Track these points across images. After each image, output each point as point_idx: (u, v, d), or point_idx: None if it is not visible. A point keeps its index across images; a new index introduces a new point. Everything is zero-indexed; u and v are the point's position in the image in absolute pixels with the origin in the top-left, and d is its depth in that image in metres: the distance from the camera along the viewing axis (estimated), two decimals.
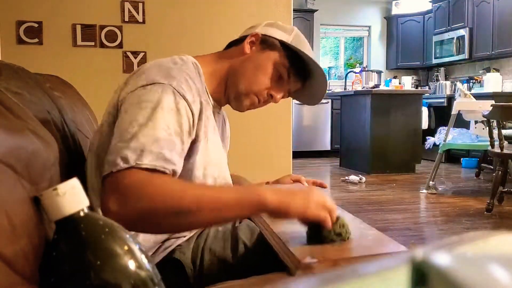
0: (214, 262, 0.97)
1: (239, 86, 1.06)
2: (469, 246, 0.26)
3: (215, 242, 0.99)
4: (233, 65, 1.07)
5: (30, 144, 0.64)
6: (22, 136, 0.64)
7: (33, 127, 0.68)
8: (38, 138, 0.67)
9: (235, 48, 1.10)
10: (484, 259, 0.23)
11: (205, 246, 0.98)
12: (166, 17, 2.68)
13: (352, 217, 0.99)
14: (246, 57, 1.07)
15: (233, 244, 0.99)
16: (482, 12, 6.28)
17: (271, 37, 1.07)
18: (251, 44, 1.07)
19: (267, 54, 1.06)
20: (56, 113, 1.00)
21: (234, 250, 0.98)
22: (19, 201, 0.57)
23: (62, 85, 1.27)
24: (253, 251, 0.98)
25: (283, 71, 1.06)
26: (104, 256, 0.48)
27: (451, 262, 0.22)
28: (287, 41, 1.06)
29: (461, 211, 3.52)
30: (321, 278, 0.26)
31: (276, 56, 1.05)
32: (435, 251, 0.24)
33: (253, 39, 1.07)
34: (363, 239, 0.88)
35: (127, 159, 0.78)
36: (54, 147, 0.71)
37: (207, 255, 0.97)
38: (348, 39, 8.42)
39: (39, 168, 0.64)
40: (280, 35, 1.07)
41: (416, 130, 5.52)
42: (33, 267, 0.55)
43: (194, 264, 0.96)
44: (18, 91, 0.87)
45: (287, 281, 0.71)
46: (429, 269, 0.23)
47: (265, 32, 1.08)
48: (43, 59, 2.53)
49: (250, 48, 1.07)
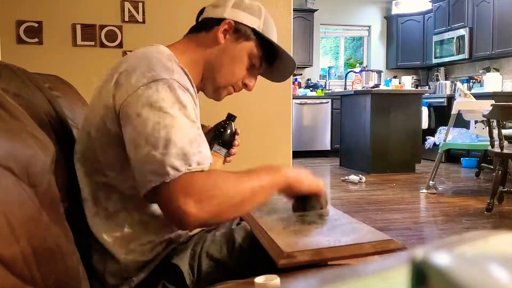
0: (212, 266, 0.97)
1: (217, 80, 1.07)
2: (469, 246, 0.26)
3: (212, 246, 0.99)
4: (208, 57, 1.06)
5: (28, 147, 0.64)
6: (20, 139, 0.64)
7: (31, 130, 0.68)
8: (36, 140, 0.67)
9: (206, 35, 1.06)
10: (484, 259, 0.23)
11: (202, 251, 0.98)
12: (166, 17, 2.68)
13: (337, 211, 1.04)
14: (221, 48, 1.05)
15: (230, 247, 0.99)
16: (482, 12, 6.28)
17: (244, 25, 1.05)
18: (224, 32, 1.05)
19: (242, 45, 1.05)
20: (55, 114, 1.00)
21: (231, 253, 0.98)
22: (18, 204, 0.57)
23: (62, 85, 1.27)
24: (249, 252, 0.98)
25: (256, 60, 1.08)
26: None
27: (451, 262, 0.22)
28: (259, 29, 1.06)
29: (461, 211, 3.52)
30: (321, 278, 0.26)
31: (250, 46, 1.06)
32: (435, 251, 0.24)
33: (226, 27, 1.04)
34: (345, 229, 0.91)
35: (176, 167, 0.78)
36: (52, 149, 0.71)
37: (204, 260, 0.97)
38: (348, 39, 8.42)
39: (38, 171, 0.64)
40: (252, 22, 1.06)
41: (416, 130, 5.52)
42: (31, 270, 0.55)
43: (192, 269, 0.96)
44: (17, 92, 0.87)
45: (287, 281, 0.72)
46: (429, 269, 0.23)
47: (236, 18, 1.05)
48: (43, 58, 2.53)
49: (224, 37, 1.05)
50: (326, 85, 7.88)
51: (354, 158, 5.73)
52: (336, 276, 0.26)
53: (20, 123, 0.67)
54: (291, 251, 0.78)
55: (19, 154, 0.61)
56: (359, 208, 3.64)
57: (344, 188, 4.55)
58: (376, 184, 4.72)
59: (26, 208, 0.58)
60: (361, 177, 4.84)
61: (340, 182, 4.88)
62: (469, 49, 6.53)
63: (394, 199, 3.99)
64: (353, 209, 3.56)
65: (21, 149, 0.62)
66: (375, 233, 0.87)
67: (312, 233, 0.91)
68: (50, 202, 0.68)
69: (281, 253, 0.78)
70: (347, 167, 5.75)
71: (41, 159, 0.66)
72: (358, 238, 0.84)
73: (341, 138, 6.16)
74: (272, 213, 1.02)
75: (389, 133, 5.39)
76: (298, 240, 0.85)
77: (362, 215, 3.35)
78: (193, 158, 0.80)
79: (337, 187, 4.64)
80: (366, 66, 7.85)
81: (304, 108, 6.93)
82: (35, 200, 0.62)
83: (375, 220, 3.24)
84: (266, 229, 0.90)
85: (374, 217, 3.35)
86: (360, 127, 5.56)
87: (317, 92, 7.41)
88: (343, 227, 0.92)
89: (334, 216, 1.00)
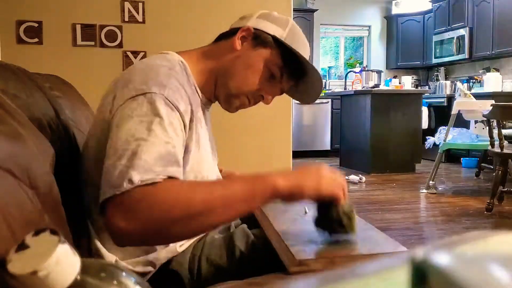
0: (211, 271, 0.95)
1: (229, 87, 0.99)
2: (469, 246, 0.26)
3: (212, 250, 0.97)
4: (223, 63, 0.99)
5: (28, 148, 0.64)
6: (19, 141, 0.64)
7: (31, 131, 0.68)
8: (36, 142, 0.67)
9: (225, 43, 1.01)
10: (484, 259, 0.23)
11: (201, 255, 0.96)
12: (166, 17, 2.68)
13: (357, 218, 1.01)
14: (236, 55, 0.98)
15: (229, 251, 0.97)
16: (482, 11, 6.27)
17: (264, 32, 0.99)
18: (242, 39, 0.99)
19: (258, 51, 0.98)
20: (54, 114, 1.00)
21: (230, 257, 0.96)
22: (18, 205, 0.57)
23: (62, 85, 1.27)
24: (249, 257, 0.96)
25: (275, 70, 0.99)
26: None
27: (451, 262, 0.22)
28: (280, 37, 0.98)
29: (461, 211, 3.52)
30: (321, 278, 0.26)
31: (268, 54, 0.98)
32: (435, 251, 0.24)
33: (244, 34, 0.99)
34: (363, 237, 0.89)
35: (132, 180, 0.72)
36: (52, 151, 0.71)
37: (204, 264, 0.96)
38: (348, 38, 8.42)
39: (38, 172, 0.64)
40: (274, 30, 0.99)
41: (416, 129, 5.52)
42: None
43: (192, 274, 0.95)
44: (16, 93, 0.87)
45: (287, 281, 0.72)
46: (429, 269, 0.23)
47: (257, 26, 0.99)
48: (43, 58, 2.53)
49: (241, 44, 0.99)
50: (326, 85, 7.88)
51: (354, 158, 5.73)
52: (336, 276, 0.26)
53: (19, 125, 0.67)
54: (304, 258, 0.76)
55: (19, 156, 0.61)
56: (359, 208, 3.64)
57: None
58: (376, 184, 4.72)
59: (27, 210, 0.58)
60: (361, 177, 4.84)
61: None
62: (469, 49, 6.53)
63: (394, 199, 3.99)
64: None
65: (21, 151, 0.62)
66: (390, 243, 0.85)
67: (327, 240, 0.86)
68: (51, 204, 0.68)
69: (293, 260, 0.76)
70: (347, 167, 5.75)
71: (41, 161, 0.66)
72: (373, 248, 0.82)
73: (341, 138, 6.16)
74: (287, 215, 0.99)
75: (389, 133, 5.39)
76: (312, 247, 0.82)
77: (362, 215, 3.33)
78: (152, 173, 0.73)
79: None
80: (366, 66, 7.84)
81: (304, 108, 6.93)
82: (37, 201, 0.62)
83: (375, 220, 3.24)
84: (280, 232, 0.88)
85: (374, 217, 3.35)
86: (360, 127, 5.56)
87: None
88: (359, 234, 0.87)
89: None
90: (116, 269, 0.46)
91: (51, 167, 0.70)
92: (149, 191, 0.72)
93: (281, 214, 1.01)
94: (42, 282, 0.39)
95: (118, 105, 0.84)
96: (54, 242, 0.40)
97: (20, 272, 0.39)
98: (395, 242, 0.85)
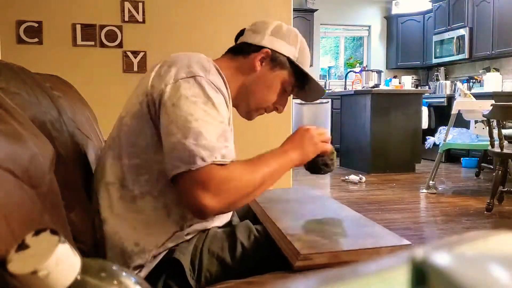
0: (213, 263, 0.98)
1: (250, 104, 1.15)
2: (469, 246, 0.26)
3: (214, 242, 1.00)
4: (244, 82, 1.13)
5: (28, 148, 0.64)
6: (20, 140, 0.64)
7: (31, 130, 0.68)
8: (36, 141, 0.67)
9: (244, 60, 1.13)
10: (484, 259, 0.23)
11: (203, 247, 0.99)
12: (166, 17, 2.68)
13: (354, 213, 1.02)
14: (256, 76, 1.12)
15: (231, 245, 1.00)
16: (482, 11, 6.27)
17: (281, 55, 1.12)
18: (261, 60, 1.11)
19: (277, 73, 1.13)
20: (55, 113, 1.00)
21: (232, 250, 0.99)
22: (18, 205, 0.57)
23: (62, 85, 1.27)
24: (250, 251, 0.99)
25: (289, 87, 1.16)
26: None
27: (451, 262, 0.22)
28: (294, 59, 1.13)
29: (461, 211, 3.52)
30: (321, 278, 0.26)
31: (285, 75, 1.13)
32: (435, 251, 0.24)
33: (263, 55, 1.11)
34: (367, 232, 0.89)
35: (204, 158, 0.85)
36: (52, 150, 0.71)
37: (205, 256, 0.98)
38: (348, 38, 8.42)
39: (38, 172, 0.64)
40: (288, 51, 1.13)
41: (416, 129, 5.51)
42: None
43: (193, 265, 0.97)
44: (16, 91, 0.87)
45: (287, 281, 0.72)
46: (429, 269, 0.23)
47: (273, 47, 1.12)
48: (43, 58, 2.53)
49: (260, 64, 1.12)
50: (326, 85, 7.88)
51: (354, 158, 5.73)
52: (336, 276, 0.26)
53: (19, 124, 0.67)
54: (307, 253, 0.76)
55: (19, 155, 0.61)
56: (359, 208, 3.64)
57: (344, 188, 4.55)
58: (376, 184, 4.72)
59: (27, 209, 0.58)
60: (361, 177, 4.84)
61: (340, 182, 4.88)
62: (469, 49, 6.53)
63: (394, 199, 3.99)
64: (353, 209, 3.55)
65: (21, 151, 0.62)
66: (394, 237, 0.86)
67: (329, 235, 0.89)
68: (51, 203, 0.68)
69: (297, 254, 0.76)
70: (347, 167, 5.75)
71: (41, 160, 0.66)
72: (376, 242, 0.83)
73: (341, 138, 6.16)
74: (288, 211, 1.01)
75: (389, 133, 5.39)
76: (315, 242, 0.83)
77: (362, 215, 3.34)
78: (218, 152, 0.87)
79: (337, 187, 4.64)
80: (366, 66, 7.84)
81: (304, 108, 6.93)
82: (37, 201, 0.62)
83: (375, 220, 3.21)
84: (282, 228, 0.89)
85: (374, 217, 3.35)
86: (360, 127, 5.56)
87: None
88: (361, 229, 0.90)
89: (352, 218, 0.99)
90: (116, 269, 0.46)
91: (51, 166, 0.70)
92: (224, 172, 0.87)
93: (281, 212, 1.03)
94: (42, 282, 0.39)
95: (167, 83, 0.93)
96: (54, 242, 0.40)
97: (20, 272, 0.39)
98: (398, 237, 0.85)
